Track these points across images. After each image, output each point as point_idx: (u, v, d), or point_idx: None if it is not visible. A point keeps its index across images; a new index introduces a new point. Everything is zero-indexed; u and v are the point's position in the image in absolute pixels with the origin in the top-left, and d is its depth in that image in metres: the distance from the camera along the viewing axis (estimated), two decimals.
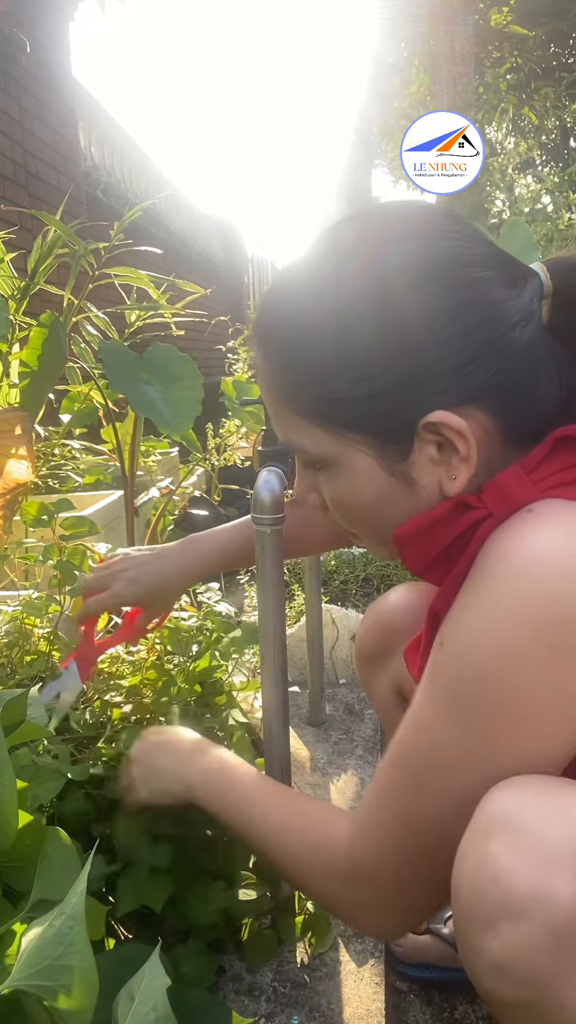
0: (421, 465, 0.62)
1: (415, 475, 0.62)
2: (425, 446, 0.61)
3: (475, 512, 0.60)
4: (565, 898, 0.48)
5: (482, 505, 0.60)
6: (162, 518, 2.07)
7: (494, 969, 0.51)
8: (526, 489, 0.58)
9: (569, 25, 7.49)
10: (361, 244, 0.62)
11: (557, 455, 0.59)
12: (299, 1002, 0.91)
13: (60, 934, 0.44)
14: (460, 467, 0.61)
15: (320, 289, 0.62)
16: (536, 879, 0.49)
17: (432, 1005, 0.98)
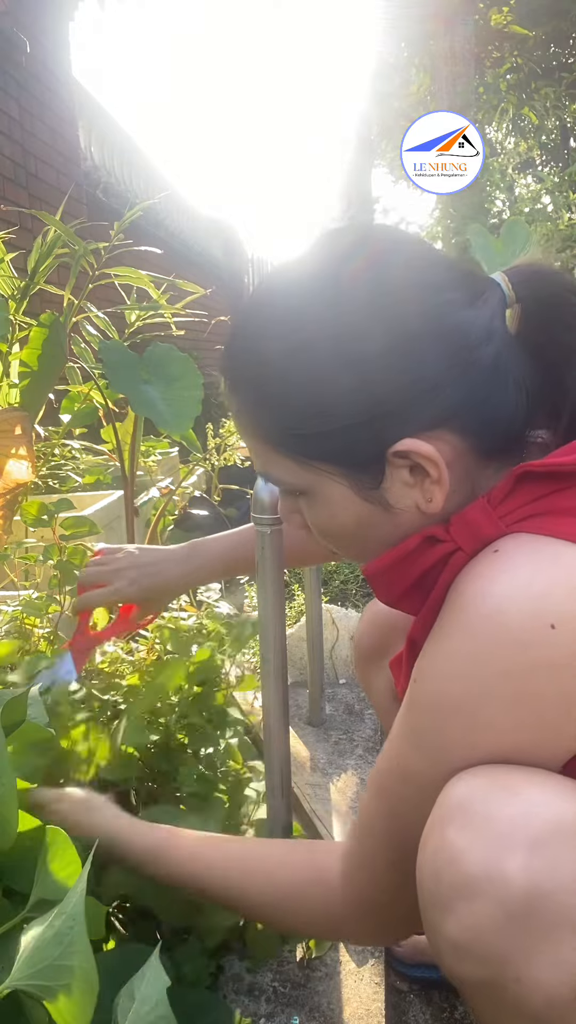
0: (395, 490, 0.63)
1: (391, 500, 0.63)
2: (397, 471, 0.62)
3: (443, 546, 0.61)
4: (515, 876, 0.50)
5: (450, 539, 0.61)
6: (162, 518, 2.07)
7: (454, 949, 0.54)
8: (492, 524, 0.59)
9: (569, 25, 7.49)
10: (320, 279, 0.62)
11: (520, 489, 0.60)
12: (299, 1002, 0.91)
13: (60, 934, 0.44)
14: (433, 489, 0.61)
15: (280, 326, 0.62)
16: (487, 859, 0.51)
17: (432, 1005, 0.98)
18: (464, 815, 0.54)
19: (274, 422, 0.64)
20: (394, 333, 0.60)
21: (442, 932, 0.54)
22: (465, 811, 0.54)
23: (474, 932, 0.52)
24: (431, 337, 0.60)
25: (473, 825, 0.53)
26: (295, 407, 0.62)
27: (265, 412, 0.64)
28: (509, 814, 0.53)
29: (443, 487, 0.61)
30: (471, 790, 0.55)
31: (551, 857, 0.51)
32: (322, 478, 0.63)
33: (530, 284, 0.64)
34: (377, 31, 8.06)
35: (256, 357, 0.64)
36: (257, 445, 0.66)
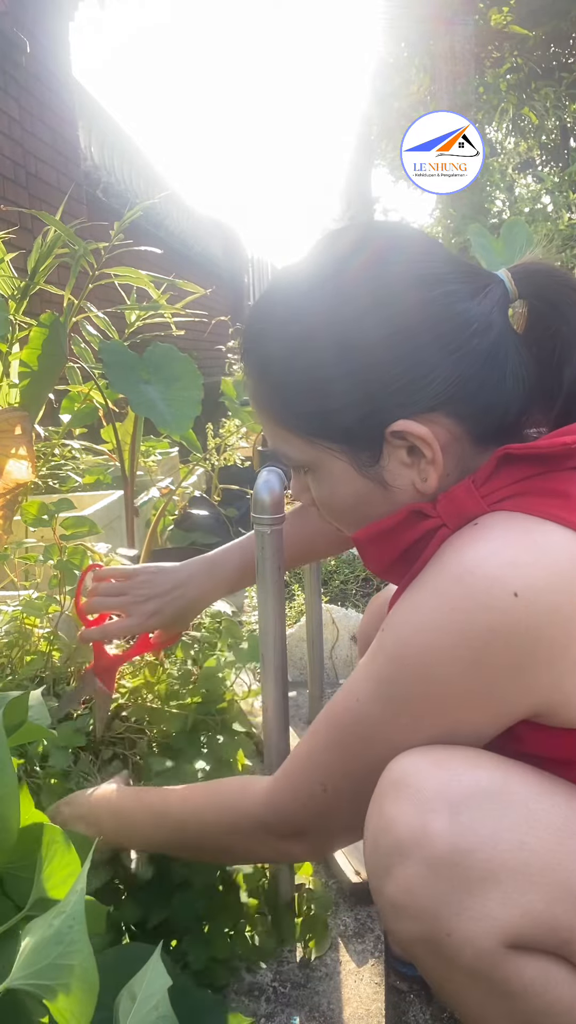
0: (393, 468, 0.66)
1: (388, 478, 0.67)
2: (395, 451, 0.65)
3: (430, 521, 0.64)
4: (437, 836, 0.56)
5: (436, 514, 0.64)
6: (162, 518, 2.07)
7: (393, 909, 0.59)
8: (475, 502, 0.63)
9: (569, 25, 7.49)
10: (325, 271, 0.67)
11: (503, 471, 0.63)
12: (299, 1002, 0.91)
13: (60, 933, 0.44)
14: (428, 469, 0.65)
15: (292, 313, 0.67)
16: (414, 823, 0.58)
17: (432, 1005, 0.98)
18: (397, 789, 0.60)
19: (282, 403, 0.68)
20: (393, 320, 0.63)
21: (384, 895, 0.60)
22: (398, 785, 0.60)
23: (407, 891, 0.58)
24: (429, 324, 0.63)
25: (404, 796, 0.59)
26: (299, 389, 0.66)
27: (274, 394, 0.69)
28: (434, 783, 0.58)
29: (437, 468, 0.64)
30: (405, 768, 0.61)
31: (469, 818, 0.57)
32: (325, 455, 0.68)
33: (532, 280, 0.67)
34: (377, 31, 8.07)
35: (265, 343, 0.68)
36: (269, 423, 0.71)
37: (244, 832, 0.77)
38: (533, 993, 0.57)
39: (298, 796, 0.71)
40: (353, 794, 0.66)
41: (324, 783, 0.69)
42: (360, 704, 0.66)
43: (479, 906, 0.55)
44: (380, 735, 0.64)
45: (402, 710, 0.63)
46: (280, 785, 0.74)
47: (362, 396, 0.64)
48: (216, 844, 0.81)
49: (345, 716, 0.67)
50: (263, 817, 0.74)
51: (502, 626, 0.57)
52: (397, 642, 0.63)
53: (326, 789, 0.69)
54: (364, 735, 0.65)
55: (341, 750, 0.68)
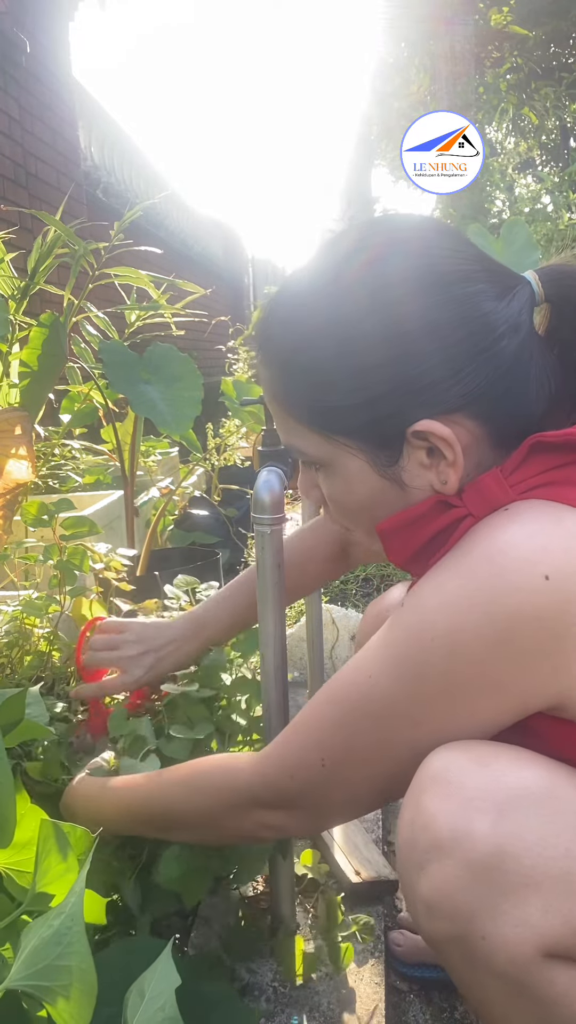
0: (411, 469, 0.65)
1: (406, 479, 0.66)
2: (415, 452, 0.64)
3: (456, 511, 0.63)
4: (480, 837, 0.55)
5: (462, 505, 0.63)
6: (162, 518, 2.07)
7: (427, 908, 0.58)
8: (504, 491, 0.62)
9: (569, 25, 7.49)
10: (356, 261, 0.65)
11: (532, 459, 0.62)
12: (299, 1002, 0.91)
13: (58, 934, 0.44)
14: (448, 472, 0.64)
15: (316, 302, 0.65)
16: (456, 821, 0.56)
17: (432, 1005, 0.98)
18: (437, 785, 0.58)
19: (301, 396, 0.66)
20: (421, 317, 0.62)
21: (417, 892, 0.58)
22: (438, 781, 0.58)
23: (444, 890, 0.56)
24: (456, 323, 0.62)
25: (445, 793, 0.57)
26: (323, 381, 0.64)
27: (293, 386, 0.67)
28: (478, 782, 0.57)
29: (458, 470, 0.63)
30: (446, 763, 0.59)
31: (516, 822, 0.55)
32: (342, 452, 0.66)
33: (559, 284, 0.66)
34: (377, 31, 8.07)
35: (292, 330, 0.66)
36: (283, 417, 0.69)
37: (229, 803, 0.74)
38: (565, 1003, 0.55)
39: (294, 768, 0.70)
40: (353, 771, 0.66)
41: (323, 758, 0.67)
42: (372, 681, 0.63)
43: (518, 912, 0.54)
44: (391, 715, 0.62)
45: (418, 690, 0.60)
46: (274, 757, 0.72)
47: (386, 393, 0.63)
48: (198, 818, 0.78)
49: (353, 692, 0.65)
50: (252, 786, 0.72)
51: (530, 608, 0.56)
52: (419, 619, 0.61)
53: (324, 764, 0.67)
54: (373, 713, 0.63)
55: (346, 728, 0.65)
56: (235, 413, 2.23)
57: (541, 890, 0.54)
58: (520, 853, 0.54)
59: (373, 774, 0.66)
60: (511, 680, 0.58)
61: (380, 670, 0.63)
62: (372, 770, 0.65)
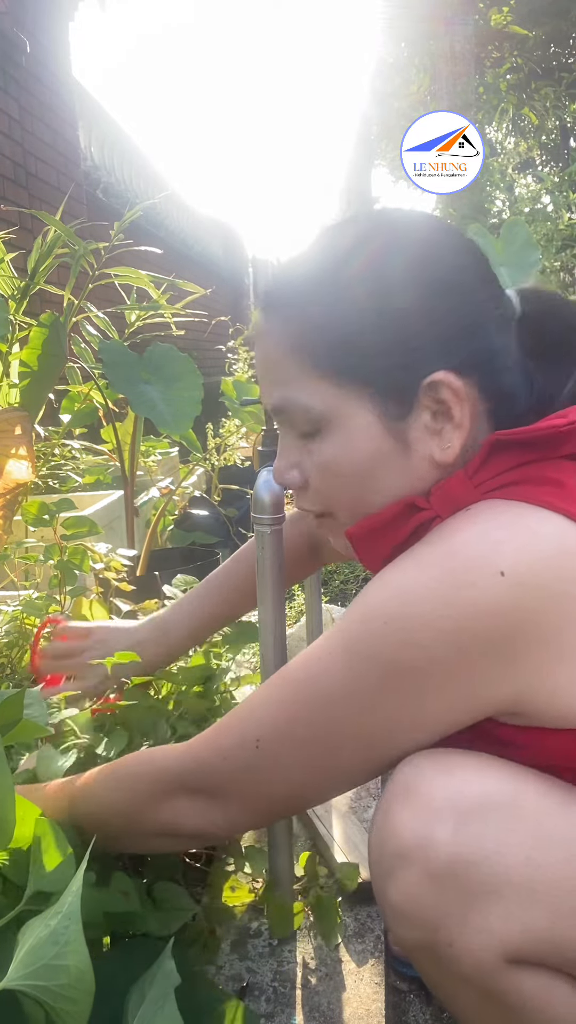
0: (417, 430, 0.64)
1: (411, 439, 0.64)
2: (422, 413, 0.64)
3: (424, 513, 0.64)
4: (440, 844, 0.56)
5: (429, 507, 0.63)
6: (162, 518, 2.07)
7: (396, 915, 0.59)
8: (467, 491, 0.62)
9: (569, 25, 7.49)
10: (387, 215, 0.69)
11: (493, 459, 0.63)
12: (299, 1002, 0.91)
13: (56, 933, 0.44)
14: (453, 435, 0.63)
15: (350, 243, 0.65)
16: (419, 830, 0.57)
17: (432, 1005, 0.98)
18: (406, 793, 0.59)
19: (320, 335, 0.64)
20: (448, 269, 0.64)
21: (387, 899, 0.59)
22: (408, 790, 0.59)
23: (410, 897, 0.57)
24: (475, 286, 0.65)
25: (411, 802, 0.58)
26: (349, 317, 0.63)
27: (310, 328, 0.64)
28: (442, 791, 0.58)
29: (462, 433, 0.63)
30: (414, 772, 0.60)
31: (476, 830, 0.56)
32: (350, 403, 0.64)
33: (538, 300, 0.70)
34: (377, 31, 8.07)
35: (310, 275, 0.66)
36: (290, 368, 0.65)
37: (149, 790, 0.69)
38: (533, 1008, 0.56)
39: (225, 746, 0.66)
40: (289, 755, 0.63)
41: (259, 738, 0.64)
42: (320, 663, 0.62)
43: (480, 919, 0.55)
44: (336, 698, 0.61)
45: (366, 674, 0.59)
46: (210, 737, 0.68)
47: (410, 338, 0.62)
48: (118, 816, 0.72)
49: (299, 673, 0.64)
50: (182, 767, 0.68)
51: (485, 602, 0.56)
52: (373, 605, 0.60)
53: (259, 746, 0.63)
54: (317, 697, 0.61)
55: (287, 708, 0.63)
56: (235, 413, 2.23)
57: (502, 897, 0.54)
58: (479, 861, 0.55)
59: (310, 762, 0.63)
60: (462, 674, 0.57)
61: (329, 653, 0.62)
62: (309, 757, 0.63)
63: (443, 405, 0.63)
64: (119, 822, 0.72)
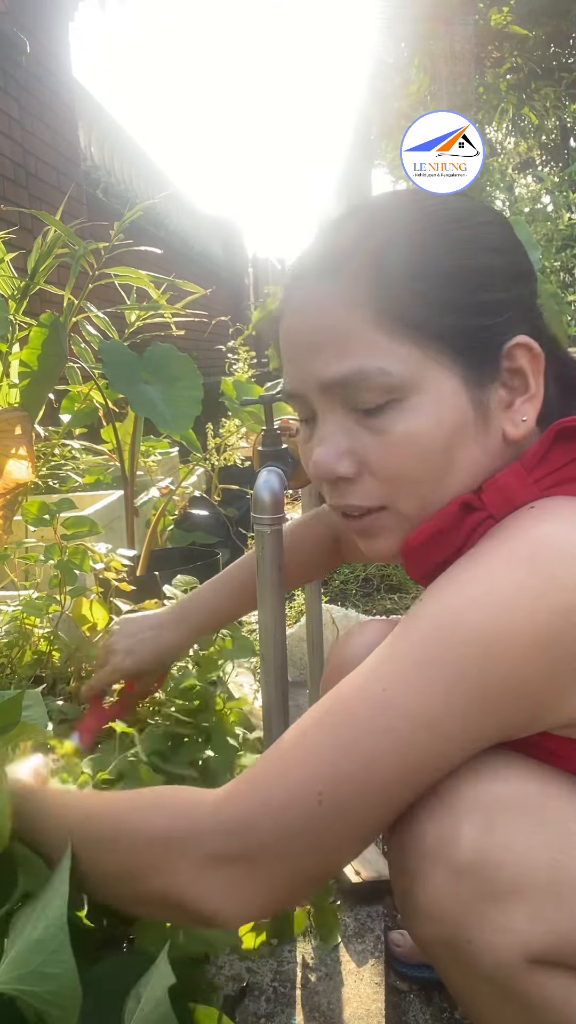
0: (494, 401, 0.60)
1: (491, 408, 0.60)
2: (499, 382, 0.61)
3: (477, 514, 0.59)
4: (465, 844, 0.54)
5: (483, 507, 0.59)
6: (162, 518, 2.07)
7: (417, 914, 0.57)
8: (526, 488, 0.58)
9: (569, 25, 7.49)
10: None
11: (556, 450, 0.59)
12: (299, 1002, 0.91)
13: (42, 941, 0.44)
14: (527, 408, 0.60)
15: (411, 206, 0.62)
16: (444, 829, 0.55)
17: (432, 1005, 0.98)
18: (432, 793, 0.56)
19: (409, 292, 0.58)
20: (519, 247, 0.63)
21: (409, 898, 0.58)
22: (433, 789, 0.56)
23: (432, 896, 0.56)
24: (528, 262, 0.64)
25: (436, 800, 0.56)
26: (430, 273, 0.58)
27: (397, 280, 0.58)
28: (469, 791, 0.56)
29: (536, 404, 0.60)
30: None
31: (502, 830, 0.55)
32: (435, 366, 0.58)
33: None
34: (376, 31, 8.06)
35: (384, 223, 0.61)
36: (356, 331, 0.58)
37: (169, 840, 0.56)
38: (551, 1008, 0.55)
39: (279, 807, 0.54)
40: (360, 808, 0.54)
41: (321, 792, 0.53)
42: (390, 691, 0.53)
43: (503, 919, 0.54)
44: (418, 728, 0.53)
45: (450, 696, 0.52)
46: (251, 787, 0.56)
47: (502, 298, 0.59)
48: (123, 855, 0.57)
49: (365, 707, 0.54)
50: (210, 825, 0.55)
51: None
52: (448, 619, 0.53)
53: (322, 801, 0.53)
54: (394, 729, 0.53)
55: (357, 750, 0.53)
56: (235, 413, 2.23)
57: (526, 898, 0.53)
58: (505, 861, 0.54)
59: (383, 810, 0.55)
60: (542, 687, 0.53)
61: (400, 676, 0.54)
62: (385, 803, 0.54)
63: (518, 375, 0.60)
64: (144, 854, 0.57)
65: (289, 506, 3.38)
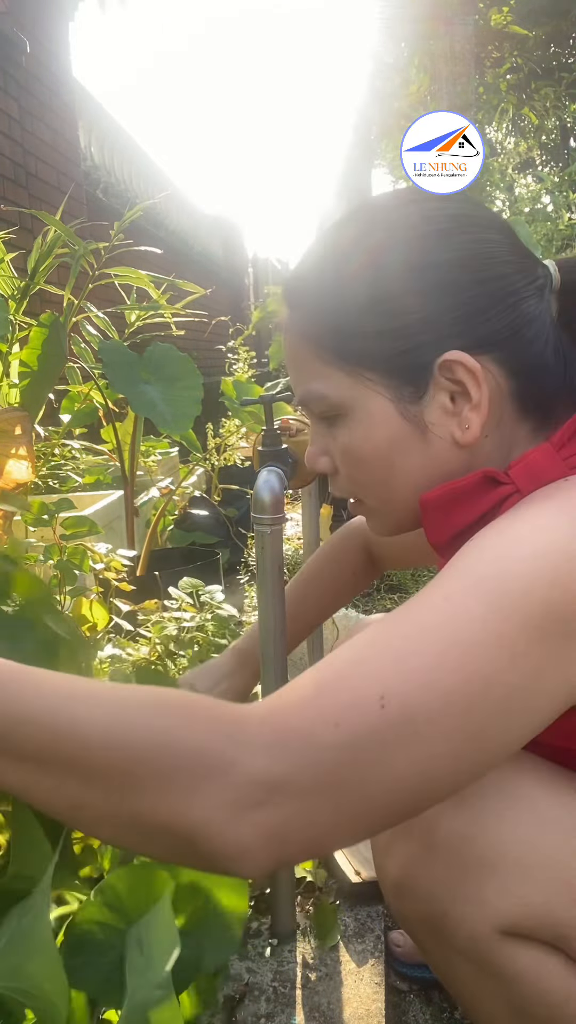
0: (434, 413, 0.62)
1: (428, 420, 0.62)
2: (438, 393, 0.62)
3: (504, 488, 0.60)
4: (440, 819, 0.57)
5: (510, 482, 0.60)
6: (162, 518, 2.07)
7: (394, 887, 0.61)
8: (555, 466, 0.59)
9: (569, 25, 7.49)
10: (389, 203, 0.69)
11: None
12: (299, 1002, 0.91)
13: (24, 933, 0.43)
14: (471, 416, 0.61)
15: (348, 239, 0.66)
16: None
17: (432, 1005, 0.98)
18: None
19: (330, 329, 0.64)
20: (454, 251, 0.63)
21: (385, 871, 0.62)
22: None
23: (407, 869, 0.60)
24: (486, 264, 0.63)
25: None
26: (352, 312, 0.63)
27: (323, 320, 0.64)
28: None
29: (480, 414, 0.61)
30: None
31: (476, 807, 0.58)
32: (365, 391, 0.63)
33: (571, 271, 0.67)
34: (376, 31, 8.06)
35: (322, 269, 0.66)
36: (308, 360, 0.66)
37: (202, 757, 0.43)
38: (526, 981, 0.58)
39: (331, 708, 0.45)
40: (427, 728, 0.45)
41: (383, 694, 0.45)
42: (453, 603, 0.48)
43: (475, 891, 0.57)
44: (478, 644, 0.46)
45: (513, 615, 0.47)
46: (297, 695, 0.47)
47: (416, 322, 0.62)
48: (117, 763, 0.44)
49: (429, 615, 0.49)
50: (254, 737, 0.44)
51: None
52: (507, 546, 0.51)
53: (384, 704, 0.44)
54: (457, 639, 0.47)
55: (421, 655, 0.46)
56: (235, 413, 2.23)
57: (497, 872, 0.57)
58: (477, 835, 0.57)
59: (454, 733, 0.46)
60: None
61: (461, 591, 0.49)
62: (453, 724, 0.45)
63: (460, 385, 0.61)
64: (95, 778, 0.44)
65: (289, 506, 3.38)
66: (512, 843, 0.57)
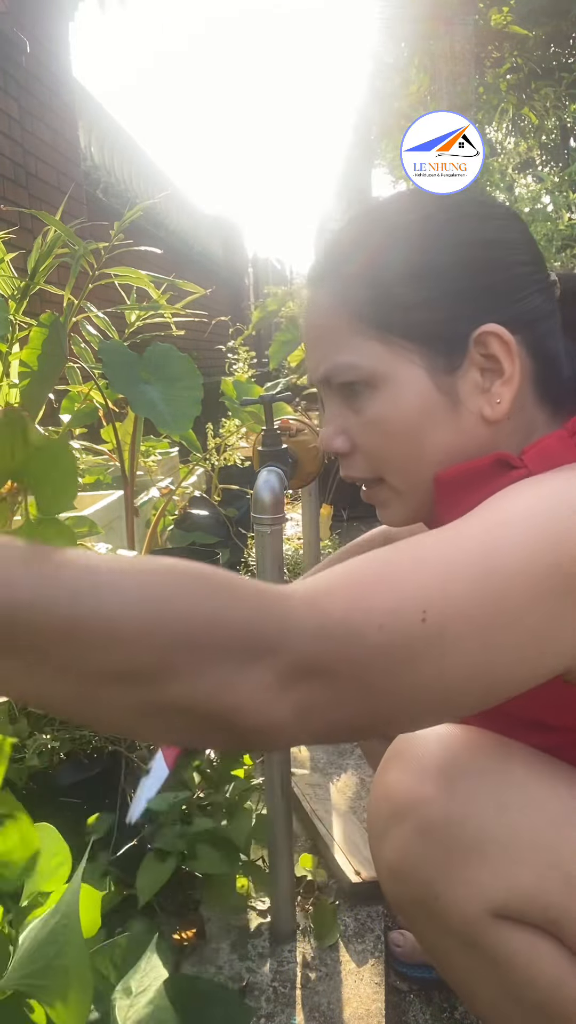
0: (467, 385, 0.63)
1: (461, 392, 0.63)
2: (471, 368, 0.63)
3: (517, 471, 0.60)
4: (431, 803, 0.60)
5: (523, 465, 0.60)
6: (162, 518, 2.07)
7: (389, 872, 0.63)
8: (569, 452, 0.60)
9: (569, 25, 7.48)
10: (423, 193, 0.75)
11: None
12: (299, 1002, 0.91)
13: (54, 933, 0.43)
14: (503, 391, 0.62)
15: (400, 208, 0.69)
16: (411, 789, 0.61)
17: (432, 1005, 0.98)
18: (400, 758, 0.64)
19: (370, 296, 0.64)
20: (495, 231, 0.66)
21: (380, 856, 0.64)
22: (402, 755, 0.64)
23: (401, 853, 0.61)
24: (522, 247, 0.66)
25: (405, 765, 0.63)
26: (393, 280, 0.64)
27: (363, 286, 0.65)
28: (436, 755, 0.62)
29: (511, 389, 0.62)
30: (410, 738, 0.64)
31: (466, 791, 0.60)
32: (399, 358, 0.63)
33: (569, 281, 0.70)
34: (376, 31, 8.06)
35: (363, 239, 0.67)
36: (337, 330, 0.65)
37: (249, 637, 0.43)
38: (518, 964, 0.59)
39: (378, 611, 0.46)
40: (457, 647, 0.46)
41: (425, 609, 0.46)
42: (491, 538, 0.50)
43: (467, 873, 0.58)
44: (513, 574, 0.48)
45: (543, 555, 0.48)
46: (343, 591, 0.47)
47: (457, 292, 0.63)
48: (157, 648, 0.41)
49: (470, 541, 0.50)
50: (301, 620, 0.45)
51: None
52: (521, 512, 0.51)
53: (425, 619, 0.46)
54: (494, 567, 0.48)
55: (462, 574, 0.48)
56: (235, 413, 2.23)
57: (487, 855, 0.58)
58: (467, 818, 0.59)
59: (480, 653, 0.47)
60: None
61: (505, 525, 0.50)
62: (481, 644, 0.47)
63: (492, 360, 0.62)
64: (127, 667, 0.41)
65: (289, 506, 3.38)
66: (503, 827, 0.59)
